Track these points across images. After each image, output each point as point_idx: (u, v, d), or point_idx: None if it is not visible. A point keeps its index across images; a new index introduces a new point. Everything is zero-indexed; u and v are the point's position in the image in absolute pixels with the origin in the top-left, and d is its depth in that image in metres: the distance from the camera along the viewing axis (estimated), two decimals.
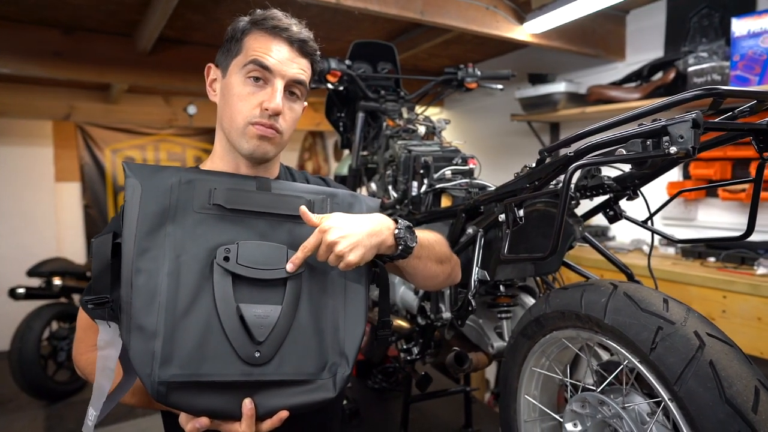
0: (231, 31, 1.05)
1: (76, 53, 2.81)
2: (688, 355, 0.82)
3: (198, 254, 0.92)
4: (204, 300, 0.90)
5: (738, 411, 0.76)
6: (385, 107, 2.04)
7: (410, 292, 1.68)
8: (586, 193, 1.22)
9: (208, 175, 0.99)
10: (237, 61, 1.02)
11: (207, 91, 1.10)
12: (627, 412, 0.98)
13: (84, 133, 5.08)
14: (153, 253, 0.89)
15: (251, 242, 0.95)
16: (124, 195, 0.93)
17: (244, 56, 1.01)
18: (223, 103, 1.05)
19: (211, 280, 0.91)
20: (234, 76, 1.02)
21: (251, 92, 1.01)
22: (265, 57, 1.00)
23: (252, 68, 1.00)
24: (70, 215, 5.05)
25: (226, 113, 1.03)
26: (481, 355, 1.47)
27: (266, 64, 1.00)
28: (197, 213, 0.94)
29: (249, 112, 1.01)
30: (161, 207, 0.92)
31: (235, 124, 1.02)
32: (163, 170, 0.96)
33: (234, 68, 1.02)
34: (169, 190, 0.94)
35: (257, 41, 1.01)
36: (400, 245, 1.02)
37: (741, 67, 1.97)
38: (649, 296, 0.94)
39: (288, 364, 0.93)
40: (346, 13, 2.08)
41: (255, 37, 1.02)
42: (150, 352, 0.85)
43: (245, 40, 1.02)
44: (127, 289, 0.87)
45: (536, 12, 2.30)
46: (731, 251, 2.06)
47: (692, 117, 0.75)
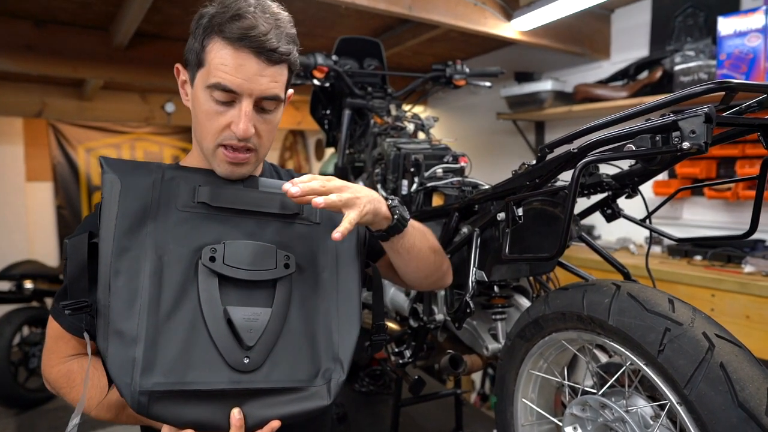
0: (193, 26, 0.92)
1: (48, 47, 2.70)
2: (698, 357, 0.80)
3: (182, 254, 0.87)
4: (189, 303, 0.85)
5: (751, 415, 0.74)
6: (372, 104, 2.00)
7: (401, 293, 1.64)
8: (584, 191, 1.20)
9: (191, 172, 0.93)
10: (201, 74, 0.91)
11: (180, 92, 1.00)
12: (630, 415, 0.96)
13: (56, 131, 4.93)
14: (133, 253, 0.84)
15: (238, 242, 0.90)
16: (102, 191, 0.87)
17: (207, 73, 0.89)
18: (193, 114, 0.95)
19: (196, 282, 0.86)
20: (200, 91, 0.91)
21: (218, 111, 0.90)
22: (229, 79, 0.87)
23: (217, 91, 0.88)
24: (42, 216, 4.90)
25: (197, 127, 0.95)
26: (475, 358, 1.44)
27: (230, 88, 0.88)
28: (181, 211, 0.89)
29: (218, 133, 0.91)
30: (142, 204, 0.87)
31: (205, 144, 0.94)
32: (144, 166, 0.90)
33: (200, 81, 0.91)
34: (150, 186, 0.88)
35: (219, 56, 0.87)
36: (395, 215, 0.98)
37: (727, 66, 1.98)
38: (654, 296, 0.91)
39: (279, 371, 0.88)
40: (331, 9, 2.03)
41: (217, 48, 0.87)
42: (130, 359, 0.79)
43: (207, 48, 0.89)
44: (105, 291, 0.82)
45: (524, 9, 2.29)
46: (718, 250, 2.07)
47: (705, 111, 0.72)
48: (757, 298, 1.75)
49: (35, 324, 3.42)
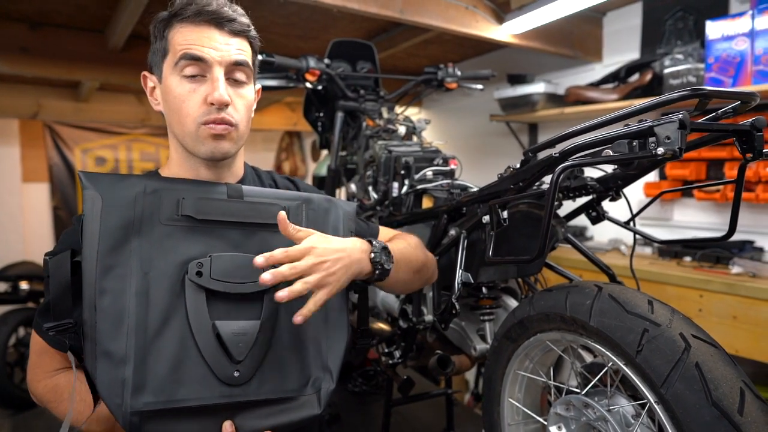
0: (153, 30, 0.96)
1: (43, 49, 2.70)
2: (674, 357, 0.81)
3: (167, 270, 0.86)
4: (176, 319, 0.84)
5: (724, 413, 0.76)
6: (365, 107, 2.02)
7: (391, 294, 1.65)
8: (569, 194, 1.21)
9: (173, 184, 0.92)
10: (167, 62, 0.94)
11: (149, 101, 1.02)
12: (612, 414, 0.98)
13: (52, 132, 4.94)
14: (118, 271, 0.83)
15: (225, 254, 0.90)
16: (83, 207, 0.85)
17: (173, 54, 0.93)
18: (168, 110, 0.97)
19: (183, 298, 0.85)
20: (170, 78, 0.94)
21: (192, 89, 0.92)
22: (195, 48, 0.91)
23: (184, 64, 0.91)
24: (38, 217, 4.90)
25: (174, 119, 0.96)
26: (464, 358, 1.45)
27: (198, 55, 0.91)
28: (165, 225, 0.88)
29: (196, 112, 0.93)
30: (125, 220, 0.85)
31: (186, 128, 0.94)
32: (125, 179, 0.89)
33: (167, 70, 0.94)
34: (133, 201, 0.87)
35: (181, 34, 0.92)
36: (377, 270, 0.98)
37: (716, 69, 2.00)
38: (634, 298, 0.93)
39: (269, 382, 0.89)
40: (324, 12, 2.05)
41: (178, 30, 0.93)
42: (120, 380, 0.79)
43: (169, 36, 0.94)
44: (91, 311, 0.80)
45: (516, 12, 2.30)
46: (707, 251, 2.09)
47: (679, 118, 0.74)
48: (744, 298, 1.77)
49: (31, 325, 3.43)
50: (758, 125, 0.83)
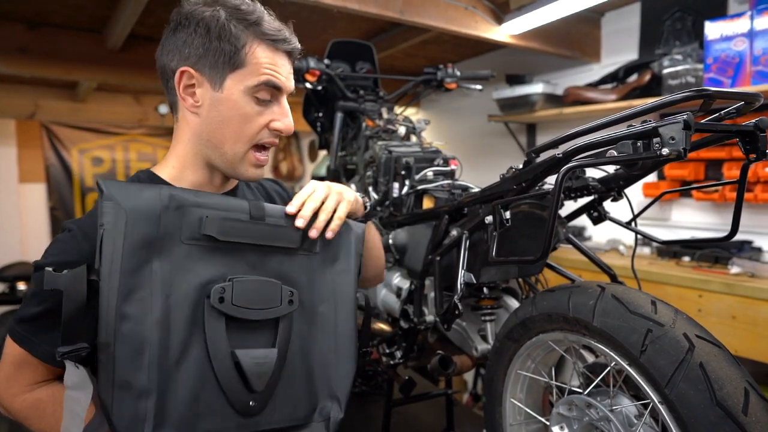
0: (218, 31, 0.88)
1: (41, 49, 2.69)
2: (678, 357, 0.81)
3: (188, 293, 0.82)
4: (195, 347, 0.81)
5: (729, 413, 0.76)
6: (364, 107, 2.02)
7: (392, 294, 1.65)
8: (571, 195, 1.22)
9: (196, 198, 0.87)
10: (239, 75, 0.89)
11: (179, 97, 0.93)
12: (614, 414, 0.98)
13: (49, 132, 4.92)
14: (139, 295, 0.78)
15: (246, 279, 0.86)
16: (102, 220, 0.78)
17: (252, 74, 0.89)
18: (217, 120, 0.91)
19: (202, 323, 0.81)
20: (237, 93, 0.90)
21: (258, 112, 0.92)
22: (277, 77, 0.91)
23: (263, 89, 0.91)
24: (35, 218, 4.88)
25: (224, 133, 0.92)
26: (465, 358, 1.45)
27: (279, 86, 0.92)
28: (186, 244, 0.83)
29: (256, 134, 0.93)
30: (148, 238, 0.80)
31: (237, 148, 0.93)
32: (147, 190, 0.83)
33: (235, 84, 0.90)
34: (157, 216, 0.81)
35: (264, 55, 0.90)
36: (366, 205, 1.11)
37: (714, 70, 2.01)
38: (637, 298, 0.93)
39: (280, 410, 0.88)
40: (324, 12, 2.04)
41: (258, 47, 0.90)
42: (141, 413, 0.75)
43: (247, 49, 0.89)
44: (109, 338, 0.75)
45: (515, 13, 2.31)
46: (705, 251, 2.10)
47: (683, 119, 0.74)
48: (743, 298, 1.78)
49: None
50: (762, 126, 0.83)
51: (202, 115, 0.92)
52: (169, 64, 0.93)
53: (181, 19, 0.91)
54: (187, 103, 0.93)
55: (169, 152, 1.00)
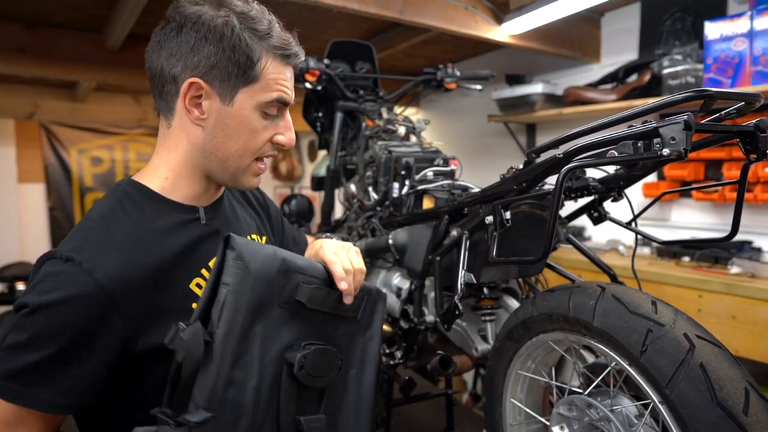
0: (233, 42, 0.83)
1: (40, 49, 2.69)
2: (679, 357, 0.82)
3: (274, 357, 0.82)
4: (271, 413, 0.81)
5: (729, 413, 0.76)
6: (364, 107, 2.02)
7: (392, 295, 1.65)
8: (571, 195, 1.22)
9: (296, 260, 0.87)
10: (252, 90, 0.87)
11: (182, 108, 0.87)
12: (615, 414, 0.98)
13: (48, 132, 4.91)
14: (244, 359, 0.77)
15: (316, 347, 0.87)
16: (227, 279, 0.76)
17: (264, 90, 0.87)
18: (222, 134, 0.88)
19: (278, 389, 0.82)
20: (248, 109, 0.88)
21: (265, 127, 0.91)
22: (287, 92, 0.91)
23: (274, 105, 0.90)
24: (34, 218, 4.87)
25: (230, 147, 0.89)
26: (465, 358, 1.45)
27: (288, 101, 0.92)
28: (279, 308, 0.84)
29: (260, 148, 0.93)
30: (259, 300, 0.80)
31: (243, 160, 0.92)
32: (264, 251, 0.83)
33: (247, 99, 0.87)
34: (270, 279, 0.81)
35: (275, 70, 0.88)
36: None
37: (714, 70, 2.01)
38: (638, 298, 0.93)
39: None
40: (324, 12, 2.04)
41: (271, 62, 0.87)
42: None
43: (261, 64, 0.86)
44: (216, 404, 0.72)
45: (514, 13, 2.31)
46: (705, 251, 2.10)
47: (684, 119, 0.74)
48: (742, 298, 1.78)
49: None
50: (762, 126, 0.83)
51: (207, 128, 0.88)
52: (170, 69, 0.86)
53: (186, 21, 0.84)
54: (192, 116, 0.88)
55: (158, 160, 0.93)
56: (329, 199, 2.14)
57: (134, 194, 0.89)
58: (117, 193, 0.90)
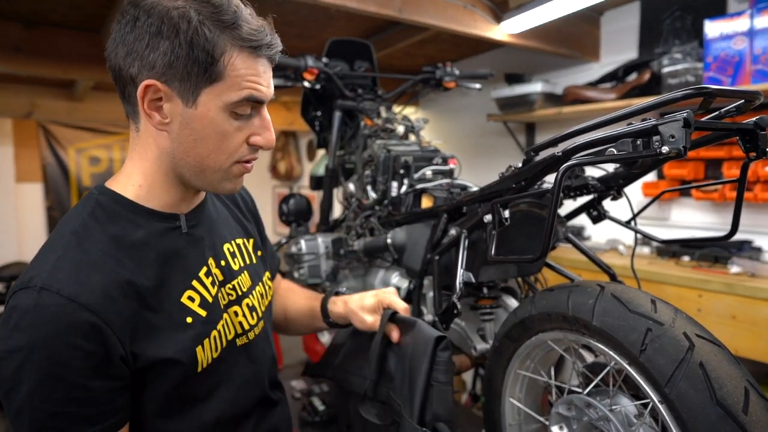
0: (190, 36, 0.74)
1: (38, 49, 2.68)
2: (678, 356, 0.81)
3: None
4: None
5: (729, 412, 0.75)
6: (363, 106, 2.01)
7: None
8: (570, 194, 1.21)
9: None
10: (216, 90, 0.78)
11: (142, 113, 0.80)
12: (614, 414, 0.97)
13: (46, 131, 4.91)
14: None
15: None
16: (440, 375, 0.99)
17: (231, 88, 0.78)
18: (189, 138, 0.80)
19: None
20: (214, 110, 0.79)
21: (237, 127, 0.82)
22: (259, 89, 0.81)
23: (245, 104, 0.81)
24: (32, 217, 4.87)
25: (199, 151, 0.81)
26: (464, 358, 1.45)
27: (261, 99, 0.82)
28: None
29: (237, 151, 0.84)
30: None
31: (217, 165, 0.83)
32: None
33: (211, 99, 0.78)
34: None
35: (244, 65, 0.78)
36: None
37: (714, 69, 2.00)
38: (637, 297, 0.93)
39: None
40: (322, 11, 2.03)
41: (238, 58, 0.77)
42: None
43: (225, 61, 0.77)
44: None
45: (514, 12, 2.30)
46: (705, 250, 2.09)
47: (683, 116, 0.74)
48: (743, 298, 1.77)
49: None
50: (762, 124, 0.83)
51: (173, 133, 0.81)
52: (126, 68, 0.78)
53: (140, 13, 0.75)
54: (153, 120, 0.80)
55: (129, 166, 0.87)
56: (328, 199, 2.13)
57: (108, 204, 0.83)
58: (88, 204, 0.83)
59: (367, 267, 1.83)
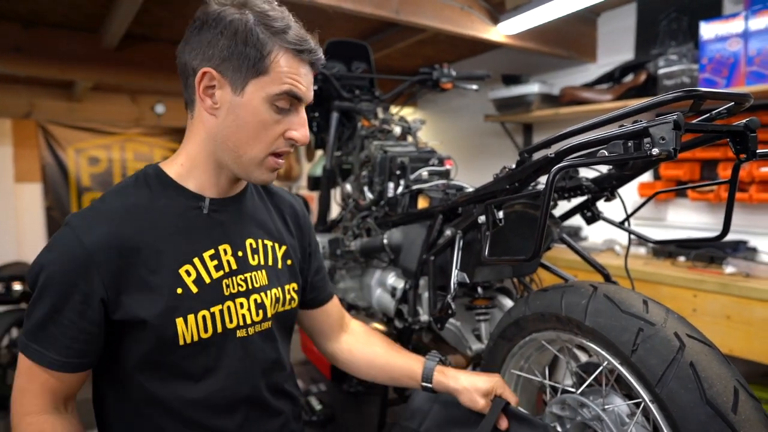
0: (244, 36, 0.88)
1: (37, 49, 2.69)
2: (669, 356, 0.82)
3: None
4: None
5: (718, 412, 0.76)
6: (360, 107, 2.02)
7: (387, 294, 1.65)
8: (564, 195, 1.22)
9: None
10: (262, 82, 0.89)
11: (197, 98, 0.93)
12: (607, 413, 0.98)
13: (46, 131, 4.91)
14: None
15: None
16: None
17: (274, 82, 0.89)
18: (233, 125, 0.92)
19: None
20: (257, 100, 0.90)
21: (276, 120, 0.92)
22: (298, 86, 0.91)
23: (284, 98, 0.91)
24: (31, 217, 4.86)
25: (240, 137, 0.92)
26: (459, 358, 1.46)
27: (299, 96, 0.92)
28: None
29: (273, 142, 0.93)
30: None
31: (254, 153, 0.93)
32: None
33: (256, 90, 0.89)
34: None
35: (287, 63, 0.90)
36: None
37: (709, 70, 2.01)
38: (629, 297, 0.93)
39: None
40: (319, 12, 2.04)
41: (282, 55, 0.89)
42: None
43: (272, 57, 0.88)
44: None
45: (510, 13, 2.31)
46: (701, 251, 2.10)
47: (674, 119, 0.75)
48: (737, 298, 1.78)
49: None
50: (752, 126, 0.83)
51: (220, 118, 0.92)
52: (190, 62, 0.92)
53: (208, 18, 0.90)
54: (205, 104, 0.92)
55: (180, 149, 1.00)
56: (325, 199, 2.14)
57: (151, 176, 0.96)
58: (138, 173, 0.98)
59: (364, 267, 1.83)
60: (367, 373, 1.24)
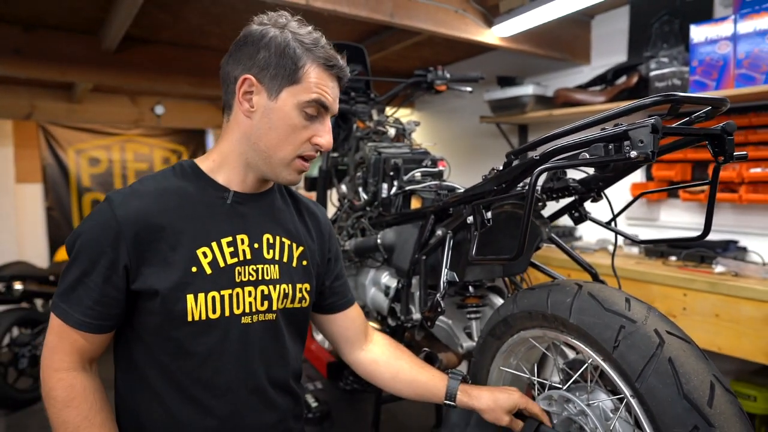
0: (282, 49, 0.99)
1: (37, 51, 2.72)
2: (649, 352, 0.84)
3: None
4: None
5: (695, 405, 0.79)
6: (356, 109, 2.05)
7: (380, 293, 1.68)
8: (552, 195, 1.24)
9: None
10: (294, 90, 1.00)
11: (236, 101, 1.04)
12: (591, 408, 1.01)
13: (46, 132, 4.94)
14: None
15: None
16: None
17: (305, 90, 1.00)
18: (266, 127, 1.02)
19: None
20: (289, 105, 1.01)
21: (304, 126, 1.02)
22: (326, 96, 1.02)
23: (313, 105, 1.01)
24: (32, 217, 4.89)
25: (271, 138, 1.02)
26: (451, 355, 1.48)
27: (326, 105, 1.03)
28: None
29: (300, 146, 1.03)
30: None
31: (282, 154, 1.03)
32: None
33: (290, 97, 1.00)
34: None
35: (317, 75, 1.01)
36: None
37: (699, 73, 2.04)
38: (612, 296, 0.96)
39: None
40: (315, 15, 2.07)
41: (314, 68, 1.01)
42: None
43: (305, 68, 1.00)
44: None
45: (504, 16, 2.33)
46: (691, 251, 2.13)
47: (651, 122, 0.77)
48: (726, 297, 1.81)
49: (25, 325, 3.42)
50: (729, 129, 0.86)
51: (254, 120, 1.02)
52: (233, 71, 1.03)
53: (252, 35, 1.02)
54: (243, 107, 1.02)
55: (214, 147, 1.10)
56: (321, 199, 2.17)
57: (186, 168, 1.07)
58: (176, 165, 1.09)
59: (359, 267, 1.86)
60: (392, 386, 1.27)
